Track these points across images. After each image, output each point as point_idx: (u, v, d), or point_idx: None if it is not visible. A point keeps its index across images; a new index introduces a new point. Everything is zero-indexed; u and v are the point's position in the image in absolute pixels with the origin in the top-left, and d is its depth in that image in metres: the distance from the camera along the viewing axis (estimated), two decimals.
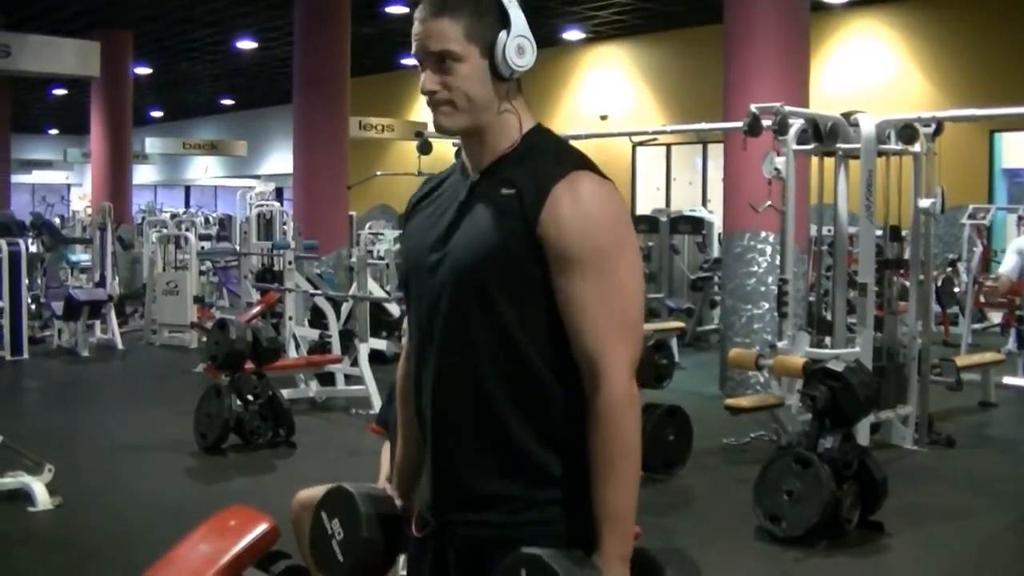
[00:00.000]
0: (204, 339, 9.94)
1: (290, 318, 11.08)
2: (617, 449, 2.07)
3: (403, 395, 2.41)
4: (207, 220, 25.24)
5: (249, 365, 8.06)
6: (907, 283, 8.63)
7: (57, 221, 22.77)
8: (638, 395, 2.10)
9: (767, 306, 9.97)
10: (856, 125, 7.82)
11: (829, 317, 8.07)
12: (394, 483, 2.46)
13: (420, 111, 24.14)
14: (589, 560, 2.06)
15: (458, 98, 2.13)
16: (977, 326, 13.37)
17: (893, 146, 8.15)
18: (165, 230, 17.01)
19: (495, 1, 2.11)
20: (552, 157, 2.13)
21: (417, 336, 2.25)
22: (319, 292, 11.52)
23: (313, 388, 10.02)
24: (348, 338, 10.55)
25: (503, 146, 2.16)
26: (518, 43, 2.11)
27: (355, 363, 9.81)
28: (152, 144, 30.49)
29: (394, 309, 11.11)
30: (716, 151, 17.46)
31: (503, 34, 2.10)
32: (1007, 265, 8.06)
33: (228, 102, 33.34)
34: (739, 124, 8.25)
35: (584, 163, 2.13)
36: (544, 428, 2.13)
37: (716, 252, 14.44)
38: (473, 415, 2.14)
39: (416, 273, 2.24)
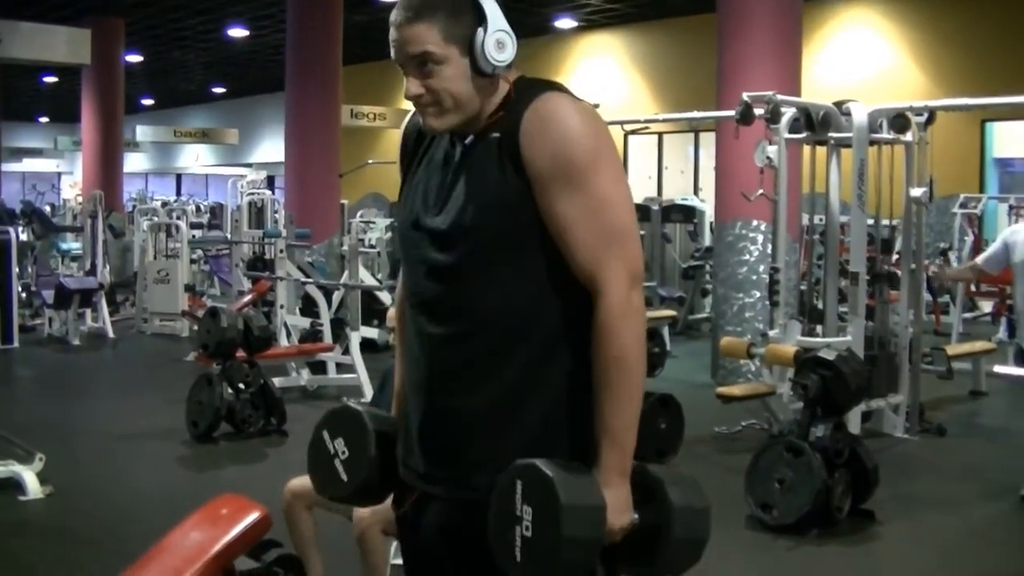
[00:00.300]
0: (195, 327, 9.93)
1: (281, 306, 11.06)
2: (613, 361, 2.07)
3: (401, 330, 2.38)
4: (198, 208, 25.21)
5: (240, 353, 8.06)
6: (899, 272, 8.64)
7: (48, 209, 22.71)
8: (639, 305, 2.10)
9: (759, 295, 9.97)
10: (848, 114, 7.81)
11: (821, 306, 8.08)
12: (395, 408, 2.44)
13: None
14: (587, 470, 2.06)
15: (444, 99, 2.13)
16: (968, 315, 13.42)
17: (885, 135, 8.16)
18: (156, 218, 17.01)
19: None
20: (526, 94, 2.14)
21: (413, 298, 2.24)
22: (311, 280, 11.50)
23: (305, 376, 10.02)
24: (340, 326, 10.55)
25: (492, 110, 2.17)
26: (497, 38, 2.11)
27: (347, 351, 9.81)
28: (143, 132, 30.40)
29: (386, 297, 11.10)
30: (708, 140, 17.45)
31: (480, 31, 2.10)
32: (987, 253, 8.04)
33: (220, 90, 33.24)
34: (731, 113, 8.26)
35: (553, 86, 2.14)
36: (548, 385, 2.13)
37: (708, 241, 14.47)
38: (472, 375, 2.14)
39: (412, 235, 2.23)
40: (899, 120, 8.10)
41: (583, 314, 2.10)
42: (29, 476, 6.45)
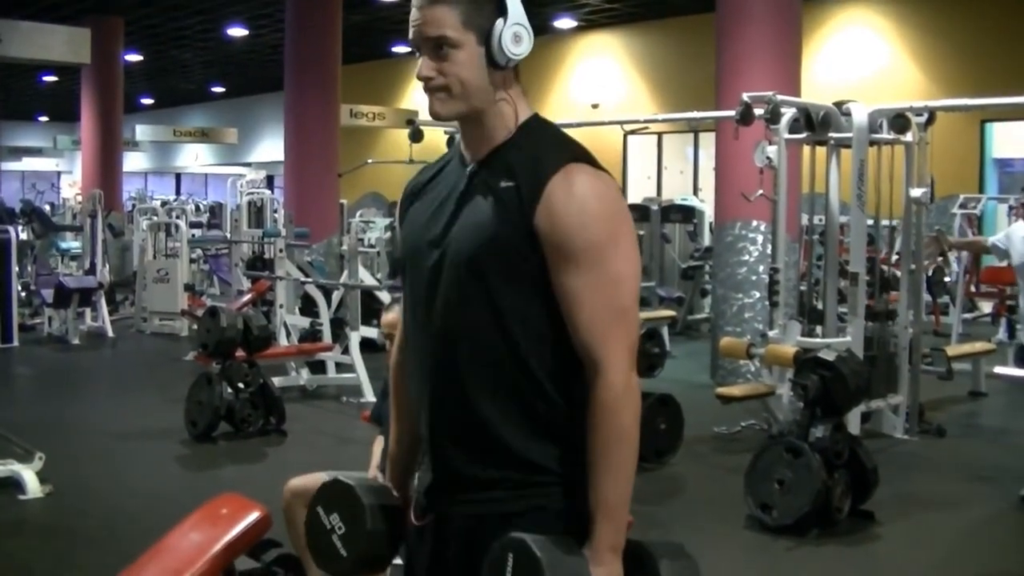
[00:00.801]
0: (195, 327, 9.93)
1: (281, 306, 11.06)
2: (613, 439, 2.07)
3: (397, 384, 2.41)
4: (198, 208, 25.20)
5: (240, 353, 8.06)
6: (898, 272, 8.64)
7: (47, 208, 22.71)
8: (637, 386, 2.11)
9: (758, 295, 9.97)
10: (848, 114, 7.81)
11: (820, 306, 8.08)
12: (389, 473, 2.46)
13: (411, 99, 24.10)
14: (578, 549, 2.06)
15: (453, 84, 2.12)
16: (968, 316, 13.41)
17: (885, 135, 8.16)
18: (156, 218, 17.00)
19: None
20: (549, 149, 2.13)
21: (414, 326, 2.24)
22: (310, 280, 11.50)
23: (304, 376, 10.02)
24: (339, 326, 10.55)
25: (500, 135, 2.16)
26: (514, 31, 2.11)
27: (346, 351, 9.81)
28: (143, 131, 30.36)
29: (385, 297, 11.09)
30: (708, 140, 17.43)
31: (500, 22, 2.10)
32: (995, 238, 8.06)
33: (219, 89, 33.22)
34: (731, 113, 8.25)
35: (581, 155, 2.13)
36: (542, 416, 2.13)
37: (707, 241, 14.46)
38: (472, 403, 2.14)
39: (414, 263, 2.23)
40: (899, 120, 8.10)
41: (575, 361, 2.11)
42: (29, 475, 6.45)
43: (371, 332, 9.54)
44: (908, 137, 8.21)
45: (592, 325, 2.07)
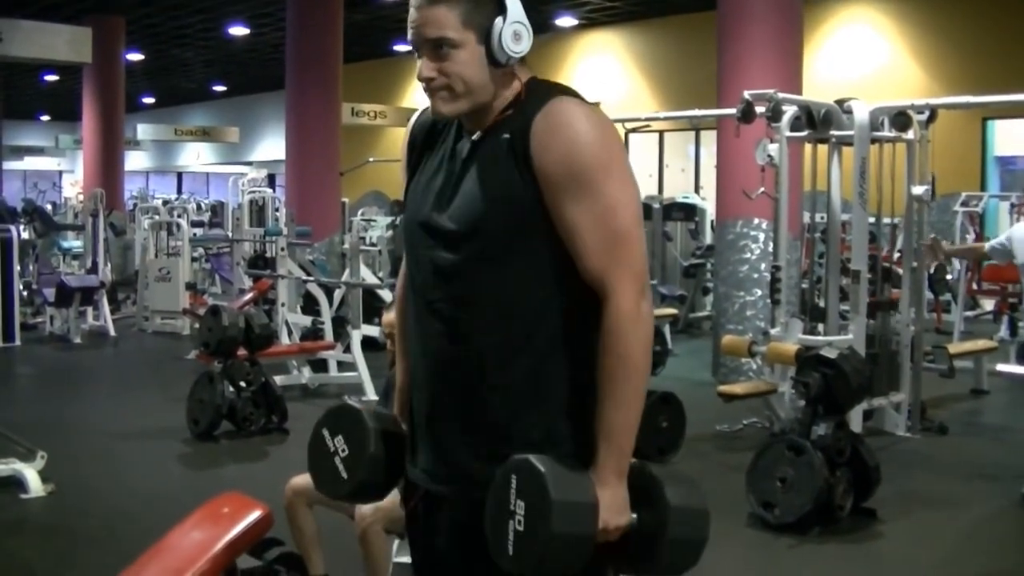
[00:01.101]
0: (196, 326, 9.92)
1: (283, 305, 11.06)
2: (619, 365, 2.08)
3: (402, 324, 2.40)
4: (199, 207, 25.19)
5: (242, 352, 8.06)
6: (900, 270, 8.64)
7: (49, 208, 22.73)
8: (647, 313, 2.12)
9: (760, 293, 9.97)
10: (849, 112, 7.80)
11: (822, 304, 8.07)
12: (396, 402, 2.46)
13: (413, 97, 24.10)
14: (582, 468, 2.07)
15: (455, 84, 2.14)
16: (970, 313, 13.41)
17: (886, 133, 8.15)
18: (157, 217, 17.00)
19: None
20: (537, 96, 2.15)
21: (420, 296, 2.24)
22: (312, 279, 11.50)
23: (306, 375, 10.02)
24: (341, 325, 10.55)
25: (502, 107, 2.18)
26: (514, 29, 2.12)
27: (348, 350, 9.81)
28: (144, 131, 30.39)
29: (387, 295, 11.09)
30: (709, 138, 17.44)
31: (499, 20, 2.11)
32: (992, 243, 8.04)
33: (220, 88, 33.22)
34: (732, 111, 8.24)
35: (565, 91, 2.16)
36: (554, 384, 2.14)
37: (709, 239, 14.46)
38: (479, 373, 2.15)
39: (419, 232, 2.24)
40: (900, 118, 8.09)
41: (589, 315, 2.12)
42: (31, 474, 6.45)
43: (373, 331, 9.55)
44: (909, 135, 8.21)
45: (594, 253, 2.09)
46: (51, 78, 28.68)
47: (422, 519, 2.31)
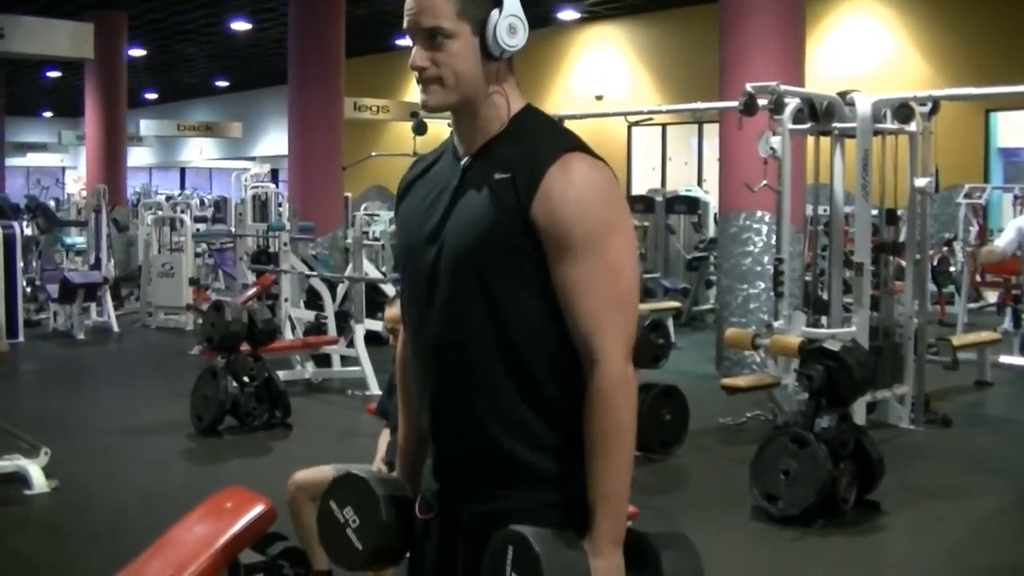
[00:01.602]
0: (200, 321, 9.94)
1: (286, 300, 11.06)
2: (609, 430, 2.06)
3: (403, 379, 2.41)
4: (202, 202, 25.18)
5: (245, 347, 8.06)
6: (903, 262, 8.63)
7: (52, 204, 22.70)
8: (633, 377, 2.10)
9: (763, 286, 9.97)
10: (852, 104, 7.80)
11: (825, 297, 8.07)
12: (399, 466, 2.46)
13: (415, 92, 23.70)
14: (579, 542, 2.06)
15: (447, 75, 2.12)
16: (973, 305, 13.38)
17: (889, 125, 8.14)
18: (160, 212, 16.99)
19: None
20: (545, 139, 2.12)
21: (414, 323, 2.24)
22: (315, 274, 11.51)
23: (309, 370, 10.02)
24: (344, 319, 10.55)
25: (494, 127, 2.15)
26: (510, 22, 2.10)
27: (351, 344, 9.81)
28: (147, 126, 30.42)
29: (389, 290, 11.09)
30: (712, 131, 17.43)
31: (495, 13, 2.09)
32: (1004, 239, 8.04)
33: (223, 83, 33.22)
34: (735, 104, 8.24)
35: (576, 144, 2.12)
36: (544, 408, 2.13)
37: (712, 232, 14.44)
38: (474, 398, 2.14)
39: (412, 259, 2.23)
40: (903, 110, 8.08)
41: (574, 356, 2.10)
42: (35, 470, 6.46)
43: (376, 325, 9.55)
44: (912, 127, 8.19)
45: (590, 315, 2.06)
46: (53, 74, 28.70)
47: (431, 533, 2.30)
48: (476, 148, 2.16)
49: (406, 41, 2.17)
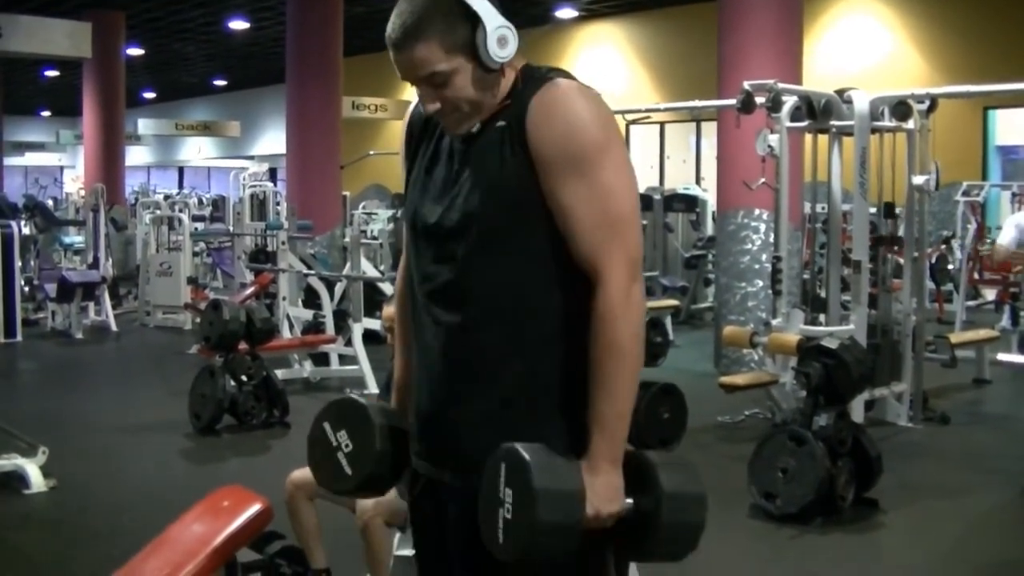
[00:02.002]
0: (198, 320, 9.93)
1: (284, 298, 11.05)
2: (607, 351, 2.07)
3: (401, 312, 2.40)
4: (200, 201, 25.16)
5: (243, 346, 8.06)
6: (901, 260, 8.63)
7: (50, 203, 22.71)
8: (638, 297, 2.11)
9: (761, 284, 9.97)
10: (850, 102, 7.79)
11: (823, 294, 8.07)
12: (395, 398, 2.45)
13: (412, 91, 23.85)
14: (570, 457, 2.07)
15: (462, 106, 2.14)
16: (971, 303, 13.39)
17: (887, 123, 8.14)
18: (158, 211, 17.00)
19: (458, 4, 2.09)
20: (533, 81, 2.15)
21: (423, 287, 2.24)
22: (313, 272, 11.50)
23: (307, 368, 10.02)
24: (342, 318, 10.55)
25: (499, 98, 2.18)
26: (498, 35, 2.11)
27: (349, 343, 9.81)
28: (145, 125, 30.41)
29: (388, 289, 11.09)
30: (710, 129, 17.44)
31: (479, 33, 2.09)
32: (1005, 237, 8.06)
33: (221, 83, 33.21)
34: (733, 102, 8.23)
35: (560, 73, 2.15)
36: (554, 374, 2.14)
37: (710, 230, 14.44)
38: (482, 363, 2.15)
39: (420, 225, 2.23)
40: (901, 108, 8.08)
41: (587, 310, 2.11)
42: (32, 469, 6.45)
43: (374, 324, 9.54)
44: (910, 124, 8.19)
45: (588, 236, 2.08)
46: (51, 73, 28.68)
47: (424, 508, 2.31)
48: (486, 117, 2.19)
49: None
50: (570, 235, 2.09)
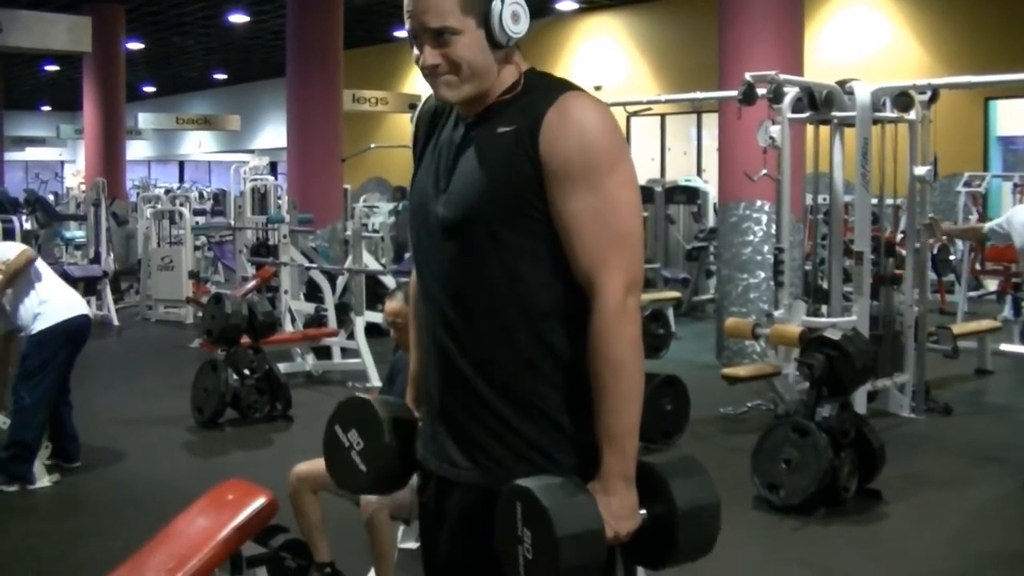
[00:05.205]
0: (200, 314, 9.92)
1: (286, 292, 11.06)
2: (610, 366, 2.07)
3: (416, 312, 2.41)
4: (201, 195, 25.16)
5: (245, 339, 8.07)
6: (903, 251, 8.62)
7: (51, 198, 22.68)
8: (634, 311, 2.10)
9: (763, 275, 9.97)
10: (851, 93, 7.79)
11: (825, 286, 8.07)
12: (409, 393, 2.47)
13: (414, 83, 24.07)
14: (584, 488, 2.06)
15: (462, 68, 2.14)
16: (973, 294, 13.38)
17: (888, 114, 8.13)
18: (159, 206, 16.97)
19: None
20: (544, 90, 2.15)
21: (423, 283, 2.26)
22: (314, 266, 11.51)
23: (309, 362, 10.03)
24: (344, 311, 10.55)
25: (498, 92, 2.18)
26: (512, 10, 2.12)
27: (351, 336, 9.81)
28: (145, 120, 30.39)
29: (390, 282, 11.09)
30: (711, 121, 17.41)
31: (497, 3, 2.11)
32: (991, 224, 8.04)
33: (221, 76, 33.18)
34: (734, 93, 8.23)
35: (574, 87, 2.15)
36: (556, 371, 2.14)
37: (711, 222, 14.45)
38: (480, 362, 2.15)
39: (421, 219, 2.25)
40: (902, 99, 8.07)
41: (585, 305, 2.11)
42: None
43: (376, 317, 9.55)
44: (911, 115, 8.18)
45: (590, 250, 2.08)
46: (51, 68, 28.67)
47: (433, 504, 2.31)
48: (480, 109, 2.19)
49: (404, 33, 2.17)
50: (571, 248, 2.09)
